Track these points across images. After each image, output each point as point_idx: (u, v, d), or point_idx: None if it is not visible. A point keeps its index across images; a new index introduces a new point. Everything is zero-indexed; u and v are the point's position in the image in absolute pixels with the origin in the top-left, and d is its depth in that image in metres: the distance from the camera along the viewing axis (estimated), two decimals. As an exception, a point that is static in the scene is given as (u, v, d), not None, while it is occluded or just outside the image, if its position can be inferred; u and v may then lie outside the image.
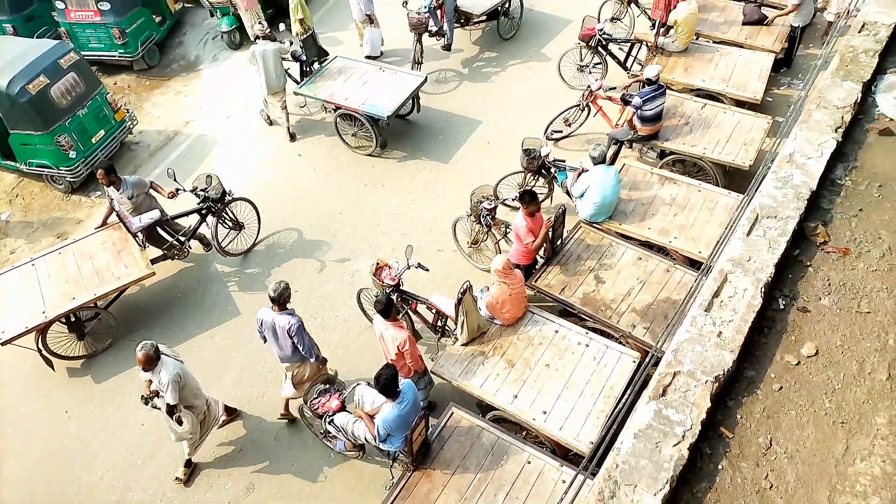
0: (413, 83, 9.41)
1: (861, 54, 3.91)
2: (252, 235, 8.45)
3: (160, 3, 11.83)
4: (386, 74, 9.63)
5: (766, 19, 9.52)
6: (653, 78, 7.84)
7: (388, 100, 9.11)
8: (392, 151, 9.62)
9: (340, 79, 9.65)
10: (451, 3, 10.30)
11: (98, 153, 9.42)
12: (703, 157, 7.94)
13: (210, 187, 7.82)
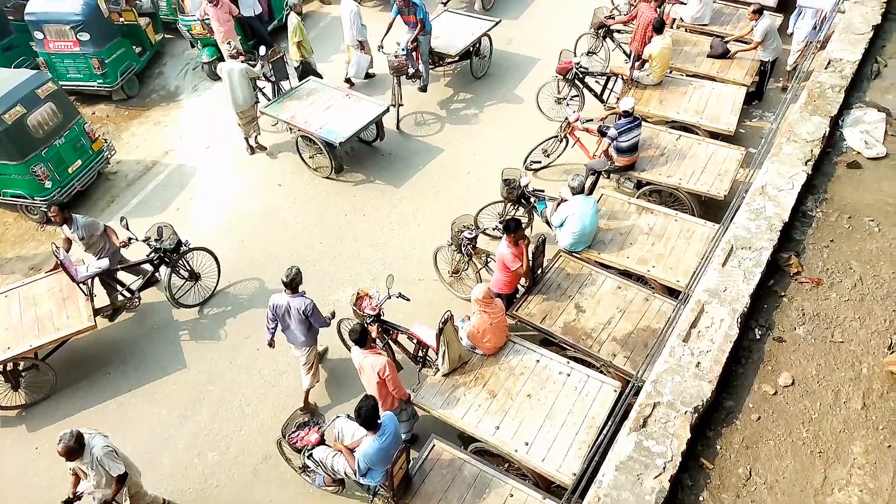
0: (374, 112, 9.61)
1: (828, 90, 4.05)
2: (209, 287, 8.20)
3: (140, 34, 11.85)
4: (351, 101, 9.88)
5: (730, 52, 9.81)
6: (628, 110, 7.99)
7: (345, 126, 9.32)
8: (373, 181, 9.67)
9: (307, 101, 9.92)
10: (425, 45, 10.39)
11: (74, 183, 9.34)
12: (679, 188, 8.07)
13: (163, 239, 7.56)
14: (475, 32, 11.06)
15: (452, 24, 11.31)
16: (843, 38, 4.33)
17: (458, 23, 11.37)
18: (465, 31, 11.09)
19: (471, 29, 11.15)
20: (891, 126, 4.11)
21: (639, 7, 9.99)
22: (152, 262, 7.66)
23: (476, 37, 10.98)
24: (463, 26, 11.25)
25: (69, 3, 10.66)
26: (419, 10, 10.02)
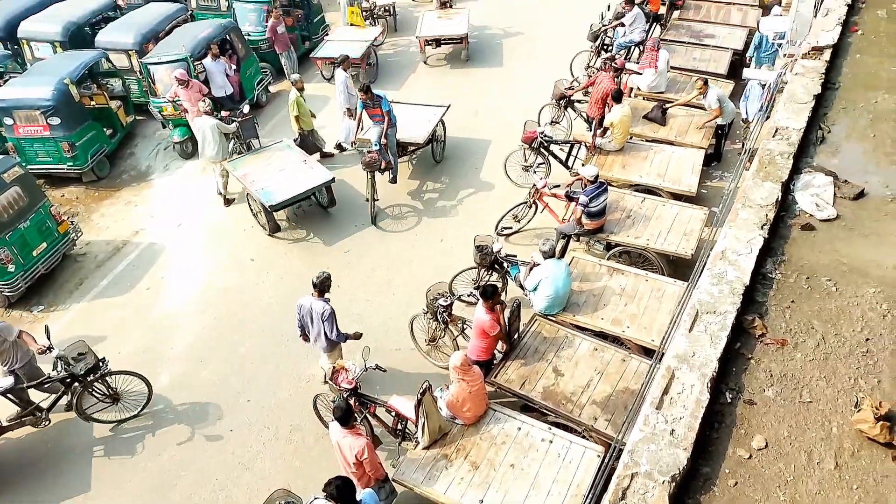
0: (318, 180, 9.96)
1: (777, 156, 4.25)
2: (133, 407, 7.59)
3: (112, 116, 11.97)
4: (305, 166, 10.26)
5: (665, 115, 10.36)
6: (593, 177, 8.23)
7: (284, 191, 9.71)
8: (347, 252, 9.71)
9: (266, 161, 10.41)
10: (393, 137, 10.37)
11: (38, 266, 9.20)
12: (648, 248, 8.23)
13: (77, 363, 7.02)
14: (432, 119, 11.17)
15: (407, 114, 11.25)
16: (788, 108, 4.58)
17: (412, 112, 11.41)
18: (423, 119, 11.19)
19: (427, 116, 11.27)
20: (839, 189, 4.30)
21: (597, 76, 10.45)
22: (63, 381, 7.08)
23: (434, 123, 11.08)
24: (418, 114, 11.34)
25: (40, 88, 10.76)
26: (384, 103, 10.03)
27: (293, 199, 9.73)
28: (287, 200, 9.66)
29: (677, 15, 13.72)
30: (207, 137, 10.20)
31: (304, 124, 10.87)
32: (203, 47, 11.80)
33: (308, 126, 10.96)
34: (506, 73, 14.08)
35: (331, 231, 10.11)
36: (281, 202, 9.58)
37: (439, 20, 14.98)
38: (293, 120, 10.81)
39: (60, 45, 12.44)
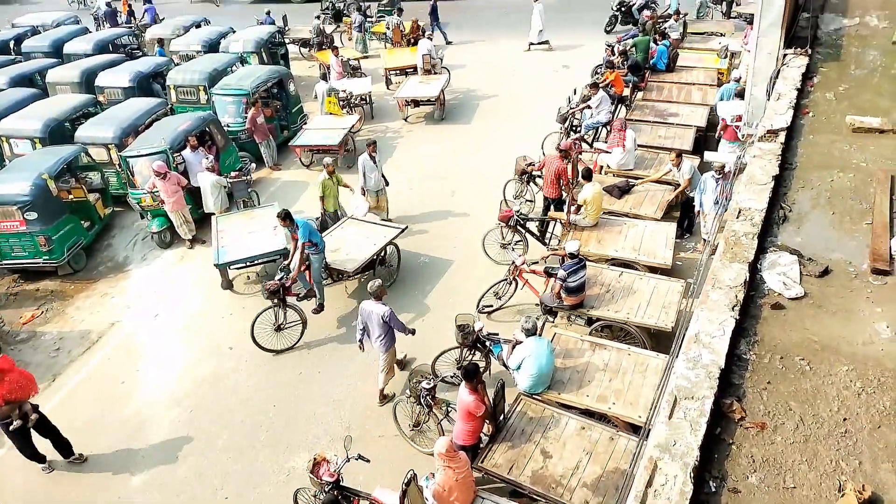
0: (273, 247, 10.36)
1: (742, 237, 4.37)
2: None
3: (90, 208, 12.00)
4: (272, 233, 10.65)
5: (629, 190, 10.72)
6: (574, 252, 8.35)
7: (236, 252, 10.35)
8: (327, 336, 9.61)
9: (248, 221, 11.10)
10: (317, 264, 9.65)
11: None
12: (628, 322, 8.27)
13: None
14: (378, 242, 10.33)
15: (353, 234, 10.62)
16: (749, 189, 4.75)
17: (361, 231, 10.70)
18: (368, 242, 10.35)
19: (374, 238, 10.44)
20: (804, 267, 4.41)
21: (546, 158, 10.87)
22: None
23: (379, 247, 10.25)
24: (366, 235, 10.55)
25: (17, 184, 10.80)
26: (302, 231, 9.28)
27: (241, 260, 10.35)
28: (235, 261, 10.32)
29: (641, 96, 14.37)
30: (207, 191, 11.43)
31: (328, 205, 11.20)
32: (182, 139, 12.03)
33: (331, 207, 11.28)
34: (484, 148, 14.51)
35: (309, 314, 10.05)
36: (226, 262, 10.28)
37: (419, 84, 16.61)
38: (318, 200, 11.15)
39: (40, 141, 12.61)
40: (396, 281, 10.60)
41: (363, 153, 11.52)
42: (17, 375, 7.37)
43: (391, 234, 10.60)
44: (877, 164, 5.26)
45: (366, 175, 11.33)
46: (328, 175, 11.07)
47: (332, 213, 11.35)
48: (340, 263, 10.03)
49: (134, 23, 23.40)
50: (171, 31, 19.26)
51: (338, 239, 10.53)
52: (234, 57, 16.22)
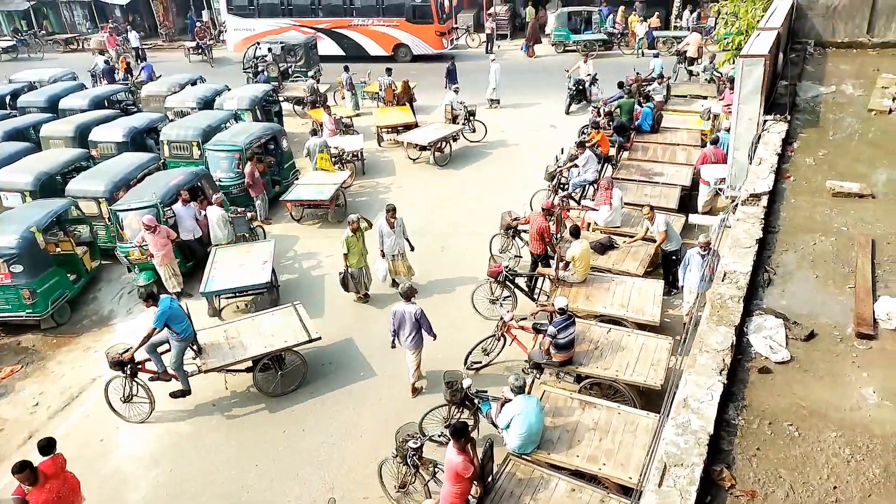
0: (257, 280, 10.98)
1: (728, 300, 4.42)
2: None
3: (77, 262, 11.92)
4: (259, 266, 11.24)
5: (611, 246, 10.89)
6: (563, 308, 8.37)
7: (222, 282, 10.96)
8: (313, 394, 9.47)
9: (243, 253, 11.69)
10: (176, 350, 9.06)
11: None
12: (617, 380, 8.23)
13: None
14: (275, 343, 9.40)
15: (255, 328, 9.86)
16: (734, 252, 4.83)
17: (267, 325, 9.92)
18: (262, 338, 9.58)
19: (272, 337, 9.56)
20: (790, 330, 4.45)
21: (530, 215, 11.05)
22: None
23: (273, 349, 9.36)
24: (270, 332, 9.74)
25: (4, 237, 10.73)
26: (156, 317, 8.86)
27: (225, 290, 10.95)
28: (219, 290, 10.92)
29: (626, 156, 14.71)
30: (214, 224, 12.09)
31: (352, 264, 11.12)
32: (173, 194, 12.10)
33: (357, 265, 11.18)
34: (473, 204, 14.68)
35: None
36: (210, 291, 10.87)
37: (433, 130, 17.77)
38: (342, 256, 11.10)
39: (30, 195, 12.61)
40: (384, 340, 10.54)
41: (381, 216, 11.43)
42: (60, 484, 6.62)
43: (294, 338, 9.53)
44: (857, 228, 5.37)
45: (383, 239, 11.23)
46: (352, 232, 10.95)
47: (357, 270, 11.22)
48: (222, 355, 9.27)
49: (130, 80, 23.82)
50: (166, 88, 19.59)
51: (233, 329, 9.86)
52: (228, 114, 16.49)
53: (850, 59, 9.07)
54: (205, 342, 9.52)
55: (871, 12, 9.18)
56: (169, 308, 8.89)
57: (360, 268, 11.25)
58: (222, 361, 9.22)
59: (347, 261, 11.11)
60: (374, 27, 27.75)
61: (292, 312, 10.12)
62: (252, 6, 28.63)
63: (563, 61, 26.39)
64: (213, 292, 10.93)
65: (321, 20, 28.09)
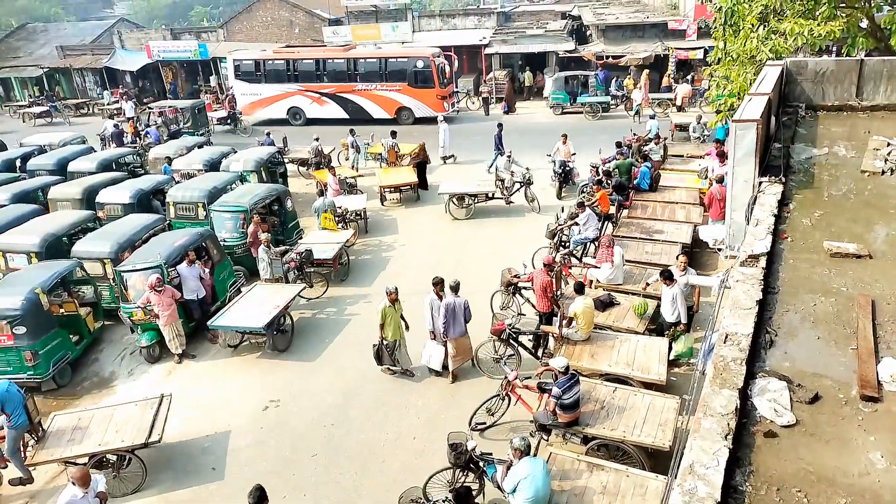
0: (252, 322, 11.34)
1: (731, 362, 4.43)
2: None
3: (80, 323, 11.95)
4: (267, 310, 11.51)
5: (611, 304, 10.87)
6: (562, 368, 8.33)
7: (228, 319, 11.54)
8: (314, 456, 9.32)
9: (268, 292, 12.32)
10: (10, 437, 8.67)
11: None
12: (625, 440, 8.12)
13: None
14: (112, 442, 8.73)
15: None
16: (734, 314, 4.87)
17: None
18: (101, 433, 8.87)
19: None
20: (794, 393, 4.44)
21: (533, 272, 11.10)
22: None
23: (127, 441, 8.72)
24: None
25: (8, 298, 10.78)
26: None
27: (227, 327, 11.54)
28: (220, 326, 11.52)
29: (626, 214, 14.91)
30: (265, 261, 12.93)
31: (388, 335, 10.53)
32: (178, 254, 12.23)
33: (393, 337, 10.56)
34: (476, 261, 14.75)
35: (296, 433, 9.78)
36: (215, 325, 11.49)
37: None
38: (378, 328, 10.55)
39: (36, 256, 12.75)
40: (385, 400, 10.45)
41: (430, 293, 10.57)
42: None
43: (130, 439, 8.73)
44: (856, 288, 5.43)
45: (433, 317, 10.48)
46: (390, 303, 10.45)
47: (392, 342, 10.66)
48: (59, 446, 8.64)
49: (138, 143, 24.39)
50: (174, 150, 20.06)
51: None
52: (233, 175, 16.85)
53: (841, 121, 9.32)
54: (55, 428, 9.04)
55: (859, 77, 9.51)
56: (6, 392, 8.62)
57: (395, 340, 10.68)
58: (51, 455, 8.65)
59: (383, 332, 10.57)
60: (377, 91, 28.61)
61: (153, 406, 9.25)
62: (259, 72, 29.59)
63: (561, 122, 27.10)
64: (216, 327, 11.55)
65: (326, 85, 28.99)
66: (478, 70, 34.51)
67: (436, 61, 28.03)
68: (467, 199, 17.58)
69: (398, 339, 10.72)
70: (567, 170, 18.45)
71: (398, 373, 10.93)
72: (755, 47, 12.21)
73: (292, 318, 12.42)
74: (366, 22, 35.74)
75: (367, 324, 12.55)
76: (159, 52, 36.59)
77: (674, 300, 10.17)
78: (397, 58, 28.98)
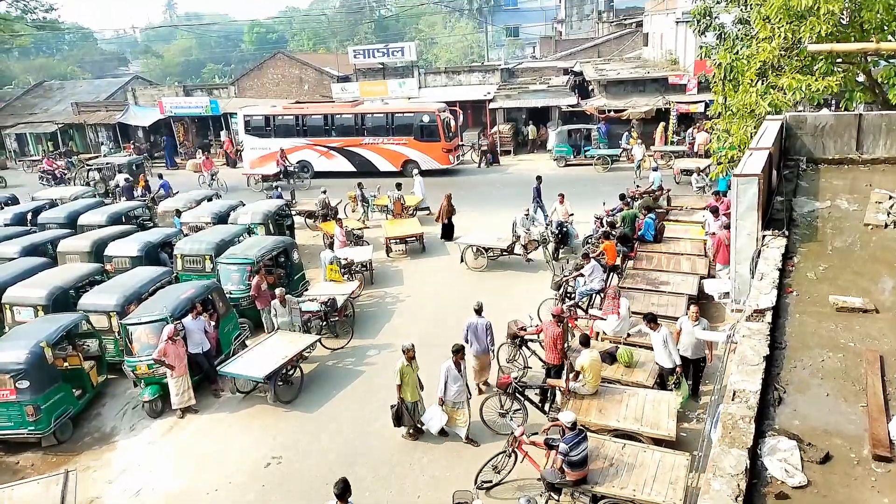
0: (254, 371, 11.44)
1: (739, 421, 4.35)
2: None
3: (83, 376, 11.87)
4: (271, 361, 11.54)
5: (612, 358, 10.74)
6: (570, 423, 8.19)
7: (232, 366, 11.75)
8: None
9: (283, 342, 12.38)
10: None
11: None
12: (635, 500, 7.92)
13: None
14: None
15: None
16: (741, 370, 4.81)
17: None
18: None
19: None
20: (804, 452, 4.35)
21: (543, 324, 11.03)
22: None
23: None
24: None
25: (12, 352, 10.77)
26: None
27: (233, 375, 11.72)
28: (225, 373, 11.75)
29: (632, 265, 14.92)
30: (278, 312, 13.00)
31: (406, 395, 10.21)
32: (184, 307, 12.24)
33: (410, 398, 10.26)
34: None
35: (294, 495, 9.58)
36: (222, 371, 11.78)
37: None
38: (396, 389, 10.22)
39: (43, 309, 12.80)
40: (389, 457, 10.24)
41: (447, 360, 10.09)
42: None
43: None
44: (864, 343, 5.37)
45: (447, 385, 10.05)
46: (407, 361, 10.12)
47: (412, 404, 10.28)
48: None
49: (148, 196, 24.78)
50: (183, 203, 20.34)
51: None
52: (241, 228, 17.02)
53: (842, 174, 9.41)
54: None
55: (858, 131, 9.64)
56: None
57: (414, 402, 10.30)
58: None
59: (401, 393, 10.17)
60: (384, 145, 29.15)
61: (57, 484, 8.28)
62: (268, 127, 30.26)
63: (564, 174, 27.43)
64: (223, 373, 11.81)
65: (334, 139, 29.58)
66: (482, 124, 35.19)
67: (441, 116, 28.62)
68: (486, 252, 17.43)
69: (417, 400, 10.34)
70: (564, 231, 17.42)
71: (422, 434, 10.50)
72: (754, 101, 12.43)
73: (302, 370, 12.33)
74: (373, 79, 36.67)
75: (370, 377, 12.47)
76: (172, 107, 37.52)
77: (665, 344, 10.08)
78: (404, 112, 29.63)
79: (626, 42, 43.51)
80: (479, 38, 64.31)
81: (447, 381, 10.03)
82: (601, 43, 45.13)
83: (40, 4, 45.60)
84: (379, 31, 73.36)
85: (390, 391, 10.57)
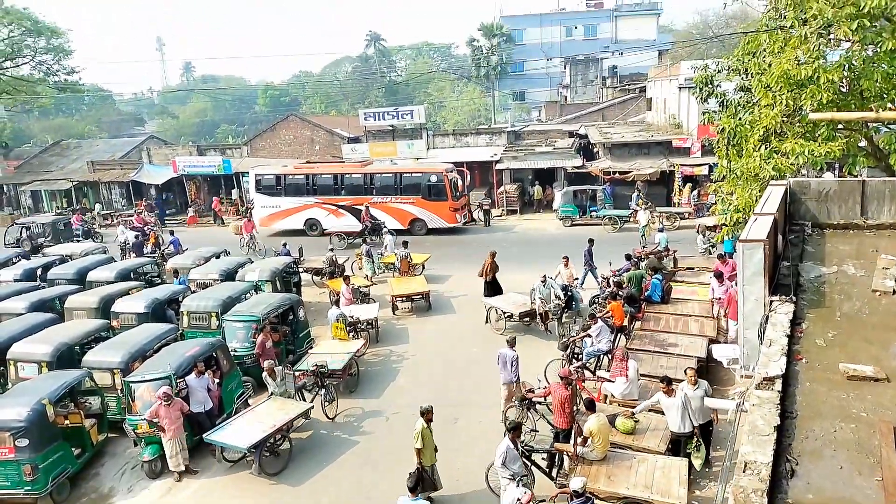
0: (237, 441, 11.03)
1: (751, 494, 4.23)
2: None
3: (83, 435, 11.71)
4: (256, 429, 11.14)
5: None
6: (579, 490, 7.98)
7: (225, 433, 11.31)
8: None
9: (275, 409, 11.98)
10: None
11: None
12: (645, 572, 7.62)
13: None
14: None
15: None
16: (752, 440, 4.71)
17: None
18: None
19: None
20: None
21: (551, 386, 10.86)
22: None
23: None
24: None
25: (14, 409, 10.68)
26: None
27: (219, 444, 11.34)
28: (212, 441, 11.33)
29: (639, 326, 14.81)
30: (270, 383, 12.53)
31: (425, 458, 9.89)
32: (188, 365, 12.18)
33: (429, 461, 9.96)
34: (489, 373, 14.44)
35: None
36: (209, 439, 11.34)
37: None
38: (415, 453, 9.85)
39: (47, 366, 12.75)
40: None
41: (504, 440, 9.44)
42: None
43: None
44: (876, 413, 5.26)
45: (506, 464, 9.25)
46: (426, 423, 9.86)
47: (430, 467, 9.98)
48: None
49: (158, 253, 25.00)
50: (191, 260, 20.51)
51: None
52: (248, 285, 17.08)
53: (848, 239, 9.41)
54: None
55: (862, 197, 9.70)
56: None
57: (432, 465, 10.04)
58: None
59: (421, 457, 9.77)
60: (391, 204, 29.54)
61: None
62: (279, 186, 30.79)
63: (569, 233, 27.61)
64: (209, 440, 11.39)
65: (342, 198, 30.02)
66: (489, 184, 35.69)
67: (448, 176, 29.11)
68: (505, 315, 16.92)
69: (434, 462, 10.05)
70: (569, 295, 16.59)
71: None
72: (758, 165, 12.57)
73: (291, 441, 11.90)
74: (383, 140, 37.48)
75: (372, 442, 12.22)
76: (185, 166, 38.33)
77: (678, 408, 9.89)
78: (412, 173, 30.18)
79: (629, 106, 44.52)
80: (487, 102, 65.89)
81: (506, 461, 9.19)
82: (605, 107, 46.16)
83: (62, 67, 47.15)
84: (389, 94, 75.39)
85: (395, 455, 10.36)
